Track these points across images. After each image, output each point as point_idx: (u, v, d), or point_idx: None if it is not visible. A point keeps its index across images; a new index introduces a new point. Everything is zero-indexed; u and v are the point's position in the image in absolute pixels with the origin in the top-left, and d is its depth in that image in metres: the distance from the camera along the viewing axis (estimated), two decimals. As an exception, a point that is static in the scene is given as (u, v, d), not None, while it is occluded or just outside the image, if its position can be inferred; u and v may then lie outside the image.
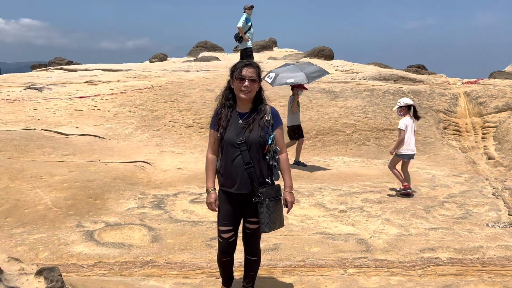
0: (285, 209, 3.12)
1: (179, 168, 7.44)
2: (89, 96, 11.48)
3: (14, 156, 6.94)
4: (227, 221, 3.10)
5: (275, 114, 3.08)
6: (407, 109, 6.56)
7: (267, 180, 3.03)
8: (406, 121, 6.46)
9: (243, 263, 3.35)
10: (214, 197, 3.11)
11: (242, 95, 2.97)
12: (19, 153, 7.08)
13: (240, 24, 11.16)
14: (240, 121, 3.00)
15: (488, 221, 5.37)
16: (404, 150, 6.47)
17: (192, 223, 5.08)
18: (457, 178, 7.53)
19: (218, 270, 3.39)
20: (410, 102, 6.62)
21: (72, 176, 6.17)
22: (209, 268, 3.94)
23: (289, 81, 7.73)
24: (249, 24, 11.29)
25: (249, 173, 2.96)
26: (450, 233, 4.92)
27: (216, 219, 5.15)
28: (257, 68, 3.00)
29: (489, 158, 8.83)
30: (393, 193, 6.48)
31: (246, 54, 11.43)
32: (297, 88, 8.03)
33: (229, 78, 3.06)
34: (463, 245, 4.56)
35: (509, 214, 5.59)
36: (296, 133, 8.08)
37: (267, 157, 3.03)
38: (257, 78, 2.99)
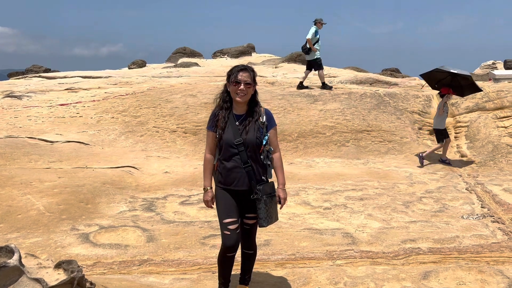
0: (278, 205, 3.32)
1: (166, 172, 7.58)
2: (71, 103, 11.46)
3: (1, 163, 6.94)
4: (232, 212, 3.17)
5: (269, 115, 3.27)
6: None
7: (263, 177, 3.24)
8: None
9: (238, 260, 3.53)
10: (211, 195, 3.29)
11: (238, 98, 3.15)
12: (6, 161, 7.09)
13: (309, 36, 11.75)
14: (237, 123, 3.17)
15: (463, 213, 5.74)
16: None
17: (185, 224, 5.25)
18: (433, 175, 7.93)
19: (216, 267, 3.40)
20: None
21: (62, 181, 6.25)
22: (205, 264, 4.13)
23: (458, 71, 8.59)
24: (317, 37, 11.94)
25: (247, 171, 3.13)
26: (429, 225, 5.25)
27: (207, 219, 5.37)
28: (252, 72, 3.18)
29: (462, 156, 9.28)
30: (375, 190, 6.79)
31: (317, 64, 12.10)
32: (447, 93, 8.76)
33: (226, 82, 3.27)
34: (441, 235, 4.89)
35: (481, 207, 5.97)
36: (443, 135, 8.87)
37: (261, 156, 3.23)
38: (252, 82, 3.16)
